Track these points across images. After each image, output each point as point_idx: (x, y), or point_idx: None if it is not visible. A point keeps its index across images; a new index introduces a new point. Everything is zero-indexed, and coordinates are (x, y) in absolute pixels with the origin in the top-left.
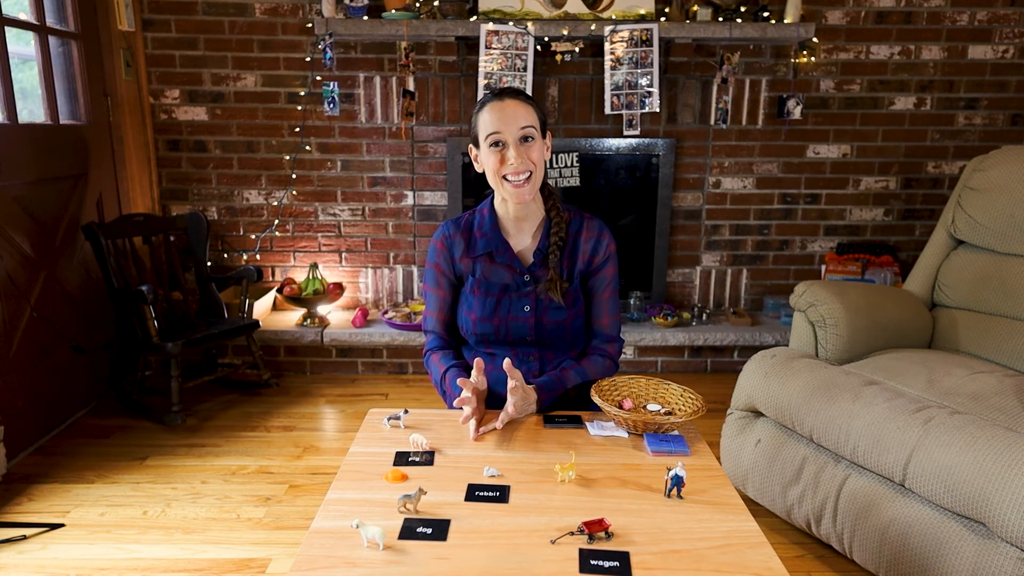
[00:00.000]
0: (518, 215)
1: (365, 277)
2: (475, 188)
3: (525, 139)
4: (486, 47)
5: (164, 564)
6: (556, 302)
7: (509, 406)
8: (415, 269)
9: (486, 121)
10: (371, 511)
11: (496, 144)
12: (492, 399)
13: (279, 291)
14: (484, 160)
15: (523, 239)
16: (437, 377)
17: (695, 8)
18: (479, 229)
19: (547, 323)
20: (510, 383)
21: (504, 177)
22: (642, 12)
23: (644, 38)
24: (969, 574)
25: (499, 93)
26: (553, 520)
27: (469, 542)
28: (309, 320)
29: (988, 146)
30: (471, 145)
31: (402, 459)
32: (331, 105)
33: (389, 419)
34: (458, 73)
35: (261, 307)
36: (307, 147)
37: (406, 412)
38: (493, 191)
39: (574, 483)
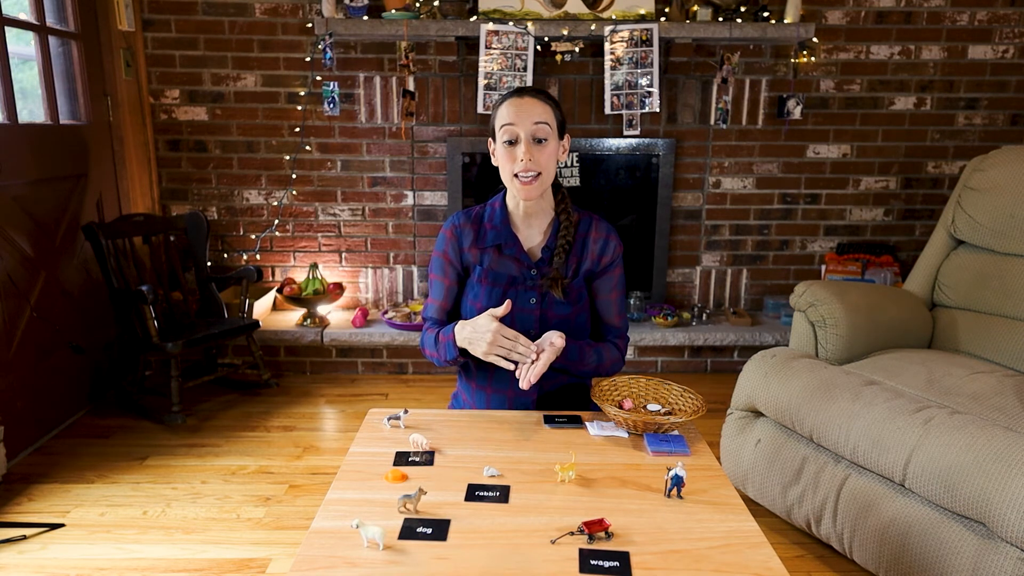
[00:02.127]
0: (528, 211)
1: (365, 277)
2: (475, 188)
3: (539, 140)
4: (486, 47)
5: (164, 564)
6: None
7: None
8: (415, 269)
9: (503, 114)
10: (371, 511)
11: (510, 141)
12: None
13: (279, 291)
14: (497, 155)
15: (533, 235)
16: (431, 338)
17: (695, 8)
18: (489, 221)
19: (552, 316)
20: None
21: (515, 174)
22: (642, 12)
23: (644, 38)
24: (969, 574)
25: (520, 91)
26: (553, 520)
27: (469, 542)
28: (309, 320)
29: (988, 146)
30: (490, 139)
31: (402, 459)
32: (331, 105)
33: (389, 419)
34: (458, 73)
35: (261, 307)
36: (307, 147)
37: (406, 412)
38: (504, 188)
39: (574, 483)
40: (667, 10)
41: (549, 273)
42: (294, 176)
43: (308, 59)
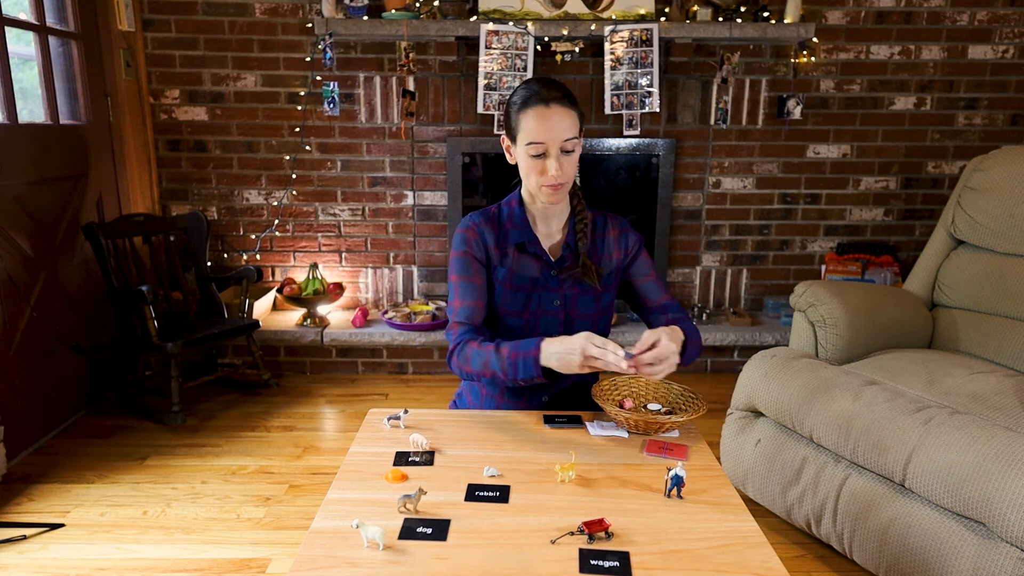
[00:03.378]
0: (547, 210)
1: (365, 277)
2: (475, 188)
3: (566, 151)
4: (486, 47)
5: (164, 564)
6: (587, 291)
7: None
8: (415, 269)
9: (530, 128)
10: (371, 511)
11: (538, 155)
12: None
13: (279, 291)
14: (520, 161)
15: (552, 234)
16: (484, 359)
17: (695, 8)
18: (509, 220)
19: (576, 317)
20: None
21: (543, 184)
22: (642, 12)
23: (644, 38)
24: (969, 574)
25: (545, 97)
26: (553, 520)
27: (469, 542)
28: (309, 320)
29: (988, 146)
30: (504, 136)
31: (402, 459)
32: (331, 105)
33: (389, 419)
34: (458, 73)
35: (261, 307)
36: (307, 147)
37: (406, 412)
38: (518, 186)
39: (574, 483)
40: (667, 10)
41: (580, 263)
42: (294, 176)
43: (308, 59)
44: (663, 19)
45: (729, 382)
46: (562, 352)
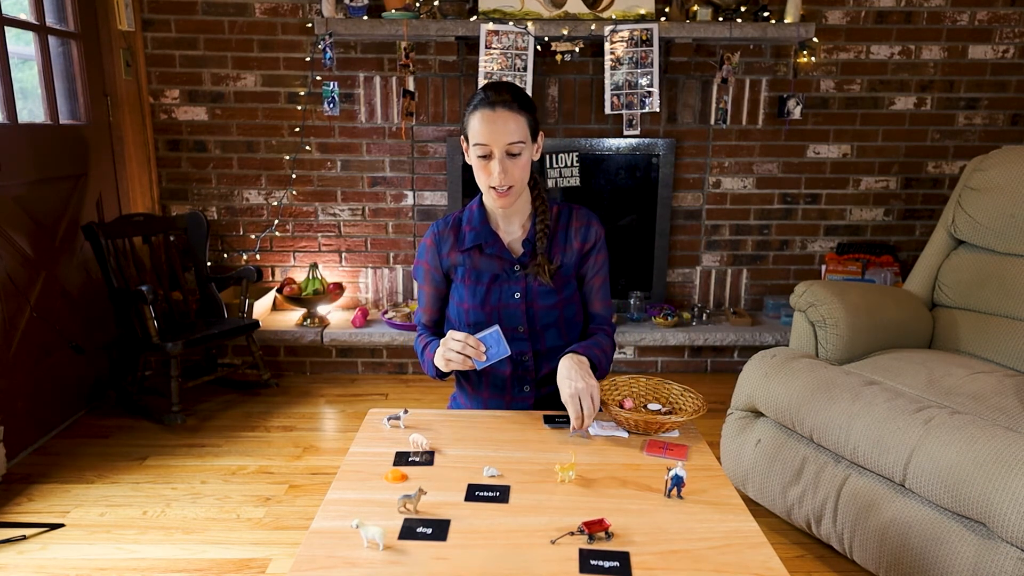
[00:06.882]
0: (506, 211)
1: (365, 277)
2: (475, 188)
3: (513, 155)
4: (486, 47)
5: (164, 564)
6: (545, 286)
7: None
8: None
9: (476, 129)
10: (371, 511)
11: (483, 156)
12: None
13: (279, 291)
14: (472, 162)
15: (512, 231)
16: (420, 348)
17: (695, 8)
18: (468, 224)
19: (538, 308)
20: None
21: (490, 186)
22: (642, 12)
23: (644, 38)
24: (969, 574)
25: (492, 100)
26: (553, 520)
27: (469, 542)
28: (309, 320)
29: (988, 146)
30: (462, 137)
31: (402, 459)
32: (331, 105)
33: (389, 419)
34: (458, 73)
35: (261, 307)
36: (307, 147)
37: (406, 412)
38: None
39: (574, 483)
40: (667, 10)
41: (534, 261)
42: (294, 176)
43: (308, 59)
44: (663, 19)
45: (729, 382)
46: (441, 352)
